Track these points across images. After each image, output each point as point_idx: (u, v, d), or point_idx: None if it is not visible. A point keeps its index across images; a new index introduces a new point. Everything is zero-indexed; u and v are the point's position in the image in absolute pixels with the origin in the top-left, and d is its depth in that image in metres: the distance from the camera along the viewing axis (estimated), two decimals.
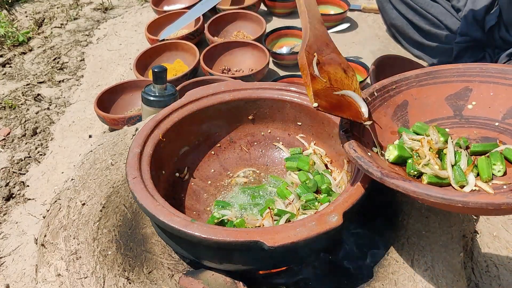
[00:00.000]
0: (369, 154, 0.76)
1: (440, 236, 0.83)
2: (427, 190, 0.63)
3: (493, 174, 0.76)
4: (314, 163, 0.97)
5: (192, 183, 0.99)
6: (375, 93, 0.88)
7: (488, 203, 0.59)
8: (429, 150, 0.78)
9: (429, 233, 0.84)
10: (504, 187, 0.74)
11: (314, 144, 1.02)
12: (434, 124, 0.86)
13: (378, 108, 0.87)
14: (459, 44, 1.61)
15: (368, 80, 1.70)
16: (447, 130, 0.85)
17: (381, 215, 0.90)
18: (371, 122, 0.81)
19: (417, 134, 0.83)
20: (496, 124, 0.84)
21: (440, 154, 0.79)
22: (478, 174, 0.76)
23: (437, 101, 0.89)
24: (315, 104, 0.73)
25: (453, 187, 0.75)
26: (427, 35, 1.75)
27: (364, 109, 0.80)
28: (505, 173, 0.76)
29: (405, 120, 0.88)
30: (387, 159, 0.80)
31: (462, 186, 0.74)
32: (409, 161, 0.78)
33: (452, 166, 0.77)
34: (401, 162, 0.80)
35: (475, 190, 0.74)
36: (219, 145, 1.04)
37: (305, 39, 0.83)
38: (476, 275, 1.05)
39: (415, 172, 0.77)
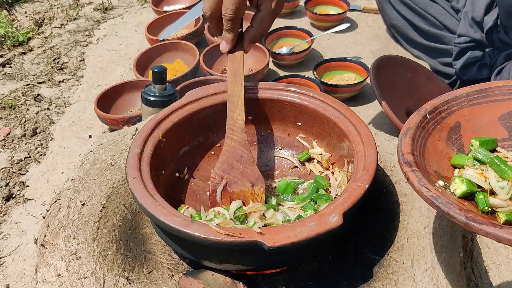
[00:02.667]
0: (440, 190, 0.68)
1: (440, 237, 0.83)
2: None
3: None
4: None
5: (192, 183, 0.99)
6: (427, 115, 0.80)
7: None
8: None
9: (429, 234, 0.84)
10: None
11: (316, 143, 1.02)
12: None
13: (433, 132, 0.79)
14: (458, 45, 1.61)
15: (368, 80, 1.70)
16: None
17: (381, 215, 0.90)
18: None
19: (480, 162, 0.77)
20: None
21: None
22: None
23: (490, 121, 0.82)
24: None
25: None
26: (427, 35, 1.75)
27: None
28: None
29: (460, 144, 0.81)
30: (453, 193, 0.72)
31: None
32: (480, 196, 0.71)
33: None
34: (468, 196, 0.73)
35: None
36: (219, 145, 1.04)
37: (219, 161, 0.90)
38: (476, 275, 1.05)
39: (489, 209, 0.70)
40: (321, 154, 1.00)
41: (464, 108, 0.83)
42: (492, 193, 0.71)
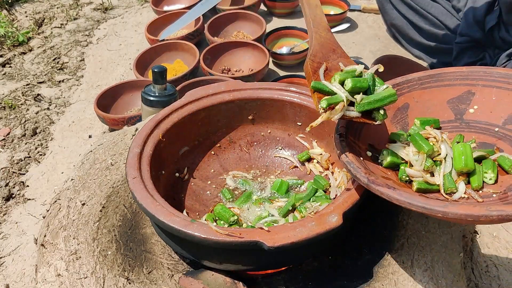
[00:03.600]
0: (361, 158, 0.76)
1: (440, 236, 0.83)
2: (410, 199, 0.64)
3: (484, 182, 0.76)
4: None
5: (192, 183, 0.99)
6: None
7: (467, 215, 0.60)
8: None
9: (429, 233, 0.84)
10: (494, 195, 0.73)
11: (316, 143, 1.02)
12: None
13: None
14: (459, 44, 1.61)
15: None
16: (446, 134, 0.84)
17: (381, 215, 0.90)
18: (380, 122, 0.79)
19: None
20: (496, 129, 0.83)
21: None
22: (468, 181, 0.76)
23: (438, 104, 0.88)
24: (321, 110, 0.73)
25: (442, 194, 0.75)
26: (427, 35, 1.75)
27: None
28: (496, 181, 0.76)
29: (405, 123, 0.87)
30: (381, 163, 0.80)
31: (452, 193, 0.75)
32: (402, 166, 0.79)
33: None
34: (394, 166, 0.80)
35: (464, 197, 0.74)
36: (219, 145, 1.04)
37: (310, 48, 0.84)
38: (476, 275, 1.05)
39: (407, 178, 0.77)
40: (321, 154, 1.00)
41: (415, 91, 0.89)
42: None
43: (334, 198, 0.89)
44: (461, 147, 0.76)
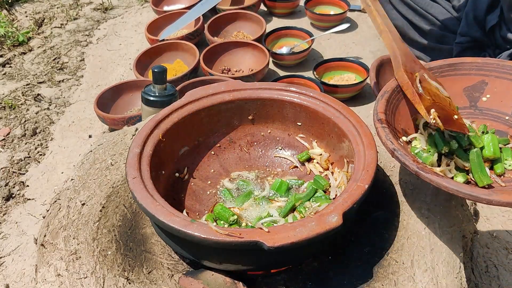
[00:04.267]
0: (401, 144, 0.81)
1: (440, 237, 0.83)
2: (457, 187, 0.71)
3: (505, 168, 0.85)
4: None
5: (192, 183, 0.99)
6: None
7: (509, 203, 0.68)
8: None
9: (429, 234, 0.84)
10: None
11: (316, 143, 1.02)
12: None
13: (406, 96, 0.90)
14: (459, 45, 1.61)
15: (368, 80, 1.70)
16: (475, 123, 0.92)
17: (381, 215, 0.90)
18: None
19: None
20: (507, 118, 0.91)
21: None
22: (491, 167, 0.85)
23: (456, 91, 0.95)
24: (432, 120, 0.79)
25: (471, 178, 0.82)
26: (427, 35, 1.75)
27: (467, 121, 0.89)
28: None
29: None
30: (414, 148, 0.85)
31: None
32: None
33: None
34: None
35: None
36: (219, 145, 1.04)
37: (397, 58, 0.91)
38: (476, 275, 1.05)
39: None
40: (321, 154, 1.00)
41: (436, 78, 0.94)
42: None
43: (334, 198, 0.89)
44: (490, 137, 0.85)
